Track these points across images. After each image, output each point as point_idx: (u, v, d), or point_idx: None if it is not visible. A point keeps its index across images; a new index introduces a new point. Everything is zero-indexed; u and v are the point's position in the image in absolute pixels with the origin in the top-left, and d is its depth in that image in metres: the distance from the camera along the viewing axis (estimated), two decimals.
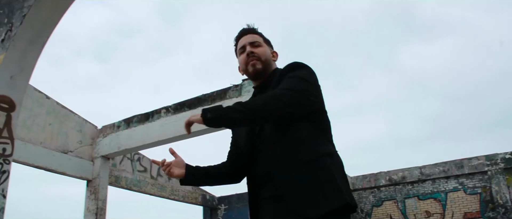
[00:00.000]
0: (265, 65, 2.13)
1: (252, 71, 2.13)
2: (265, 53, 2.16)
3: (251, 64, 2.12)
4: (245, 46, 2.16)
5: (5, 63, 5.16)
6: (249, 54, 2.12)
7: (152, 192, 14.98)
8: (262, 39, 2.23)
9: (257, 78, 2.17)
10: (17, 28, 5.18)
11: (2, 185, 4.97)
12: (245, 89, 11.06)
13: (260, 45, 2.18)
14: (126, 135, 12.32)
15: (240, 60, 2.20)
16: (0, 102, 5.15)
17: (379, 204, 14.98)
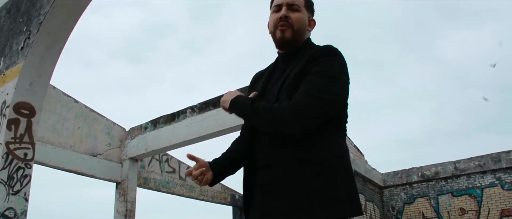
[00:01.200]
0: (296, 35, 1.88)
1: (279, 38, 1.89)
2: (301, 20, 1.90)
3: (280, 29, 1.87)
4: (282, 5, 1.90)
5: (24, 70, 5.25)
6: (281, 18, 1.87)
7: (181, 193, 15.07)
8: (304, 1, 1.95)
9: (283, 48, 1.93)
10: (34, 35, 5.27)
11: (24, 189, 5.05)
12: None
13: (299, 9, 1.91)
14: (153, 136, 12.44)
15: (271, 19, 1.94)
16: (21, 108, 5.23)
17: (411, 201, 14.63)
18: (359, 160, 13.52)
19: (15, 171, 5.01)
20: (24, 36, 5.42)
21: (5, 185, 4.89)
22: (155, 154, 12.80)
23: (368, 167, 14.14)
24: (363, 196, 13.49)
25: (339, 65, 1.76)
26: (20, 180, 5.03)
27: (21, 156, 5.11)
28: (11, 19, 5.87)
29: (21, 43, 5.43)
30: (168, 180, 14.67)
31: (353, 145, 13.68)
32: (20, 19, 5.66)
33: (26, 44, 5.35)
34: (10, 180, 4.94)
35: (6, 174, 4.93)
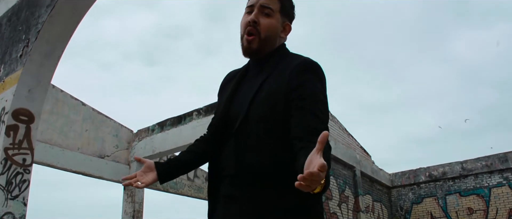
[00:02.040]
0: (264, 44, 1.72)
1: (245, 47, 1.74)
2: (271, 28, 1.73)
3: (246, 39, 1.72)
4: (254, 7, 1.74)
5: (23, 77, 5.39)
6: (249, 22, 1.71)
7: (189, 193, 15.20)
8: (280, 5, 1.76)
9: (249, 56, 1.78)
10: (33, 43, 5.40)
11: (23, 194, 5.19)
12: None
13: (271, 14, 1.73)
14: (160, 138, 12.60)
15: (241, 20, 1.78)
16: (20, 115, 5.37)
17: (419, 201, 14.57)
18: (365, 161, 13.52)
19: (13, 176, 5.15)
20: (23, 44, 5.56)
21: (3, 190, 5.02)
22: (162, 156, 12.93)
23: (375, 168, 14.12)
24: (370, 196, 13.48)
25: (322, 83, 1.64)
26: (18, 185, 5.16)
27: (20, 161, 5.25)
28: (12, 27, 6.02)
29: (20, 51, 5.57)
30: (176, 180, 14.80)
31: (360, 146, 13.68)
32: (19, 27, 5.80)
33: (24, 52, 5.48)
34: (8, 185, 5.08)
35: (5, 179, 5.07)
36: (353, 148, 12.99)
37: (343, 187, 11.69)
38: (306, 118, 1.50)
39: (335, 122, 12.46)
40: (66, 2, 5.30)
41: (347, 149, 12.37)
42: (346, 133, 12.97)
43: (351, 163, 12.24)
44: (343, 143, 12.35)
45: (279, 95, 1.59)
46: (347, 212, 11.52)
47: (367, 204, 13.05)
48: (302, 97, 1.55)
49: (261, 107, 1.60)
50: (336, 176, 11.49)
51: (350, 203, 11.84)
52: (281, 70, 1.65)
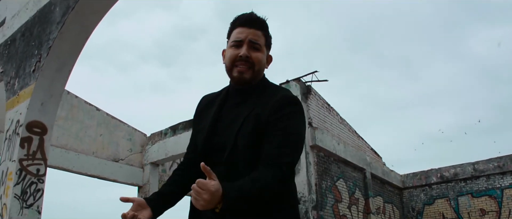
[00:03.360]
0: (256, 75, 1.80)
1: (237, 78, 1.79)
2: (261, 61, 1.81)
3: (238, 71, 1.76)
4: (243, 42, 1.77)
5: (35, 91, 5.66)
6: (242, 57, 1.76)
7: None
8: (265, 39, 1.84)
9: (239, 85, 1.83)
10: (44, 59, 5.66)
11: (37, 202, 5.46)
12: (291, 90, 11.22)
13: (260, 49, 1.80)
14: (172, 141, 12.85)
15: (228, 53, 1.81)
16: (33, 127, 5.64)
17: (430, 202, 14.58)
18: (376, 162, 13.59)
19: (28, 185, 5.42)
20: (36, 59, 5.83)
21: (19, 199, 5.30)
22: (175, 159, 13.19)
23: (386, 169, 14.18)
24: (381, 198, 13.56)
25: (301, 117, 1.75)
26: (33, 194, 5.44)
27: (34, 171, 5.52)
28: (25, 42, 6.30)
29: (33, 65, 5.84)
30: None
31: (370, 148, 13.75)
32: (32, 43, 6.08)
33: (37, 67, 5.75)
34: (23, 195, 5.36)
35: (20, 189, 5.35)
36: (363, 150, 13.08)
37: (353, 189, 11.80)
38: (271, 148, 1.64)
39: (344, 124, 12.56)
40: (75, 19, 5.55)
41: (357, 151, 12.48)
42: (356, 135, 13.07)
43: (361, 165, 12.33)
44: (353, 145, 12.46)
45: (262, 126, 1.68)
46: (357, 214, 11.63)
47: (378, 206, 13.14)
48: (274, 129, 1.67)
49: (247, 137, 1.68)
50: (346, 178, 11.60)
51: (360, 205, 11.95)
52: (264, 103, 1.73)
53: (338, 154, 11.30)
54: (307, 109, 10.84)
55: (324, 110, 11.71)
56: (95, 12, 5.60)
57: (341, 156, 11.46)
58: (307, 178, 9.98)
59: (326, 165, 10.91)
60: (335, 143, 11.34)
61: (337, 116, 12.33)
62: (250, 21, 1.81)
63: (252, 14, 1.84)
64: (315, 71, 11.41)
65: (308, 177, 10.02)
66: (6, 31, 7.07)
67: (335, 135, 11.71)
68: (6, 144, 5.81)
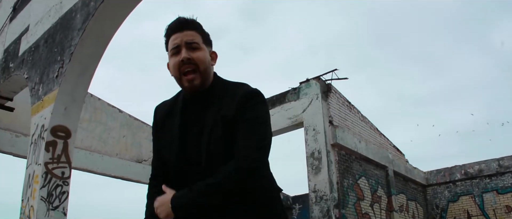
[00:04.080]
0: (204, 77, 1.76)
1: (188, 87, 1.76)
2: (204, 59, 1.76)
3: (187, 80, 1.73)
4: (180, 46, 1.74)
5: (59, 96, 5.81)
6: (184, 61, 1.72)
7: None
8: (201, 37, 1.80)
9: (194, 94, 1.79)
10: (67, 64, 5.81)
11: (62, 204, 5.62)
12: (303, 92, 11.24)
13: (199, 47, 1.76)
14: None
15: (171, 63, 1.77)
16: (58, 131, 5.80)
17: (455, 199, 14.38)
18: (399, 160, 13.47)
19: (54, 188, 5.58)
20: (59, 65, 5.99)
21: (45, 202, 5.46)
22: None
23: (409, 167, 14.04)
24: (404, 195, 13.44)
25: (265, 107, 1.77)
26: (58, 197, 5.60)
27: (59, 174, 5.68)
28: (48, 49, 6.47)
29: (56, 71, 6.00)
30: None
31: (392, 145, 13.63)
32: (55, 49, 6.24)
33: (60, 72, 5.91)
34: (49, 197, 5.52)
35: (46, 191, 5.51)
36: (385, 147, 12.98)
37: (375, 187, 11.73)
38: (238, 143, 1.66)
39: (366, 122, 12.49)
40: (95, 25, 5.68)
41: (379, 148, 12.39)
42: (378, 132, 12.97)
43: (383, 162, 12.25)
44: (375, 143, 12.38)
45: (232, 126, 1.68)
46: (380, 212, 11.56)
47: (401, 203, 13.02)
48: (243, 123, 1.68)
49: (219, 143, 1.68)
50: (367, 176, 11.54)
51: (383, 203, 11.87)
52: (228, 103, 1.72)
53: (359, 152, 11.25)
54: (328, 107, 10.82)
55: (344, 108, 11.66)
56: (114, 18, 5.72)
57: (363, 153, 11.41)
58: (328, 176, 9.97)
59: (348, 163, 10.88)
60: (357, 140, 11.29)
61: (358, 113, 12.27)
62: (180, 25, 1.78)
63: (180, 18, 1.80)
64: (334, 70, 11.36)
65: (330, 175, 10.01)
66: (30, 38, 7.27)
67: (356, 133, 11.66)
68: (32, 148, 5.98)
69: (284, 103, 11.75)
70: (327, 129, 10.47)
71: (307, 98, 11.08)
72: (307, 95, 11.11)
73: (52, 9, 6.77)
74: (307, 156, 10.55)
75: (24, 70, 7.07)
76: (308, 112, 10.93)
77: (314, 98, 10.86)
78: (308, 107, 10.98)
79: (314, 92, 10.95)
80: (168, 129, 1.82)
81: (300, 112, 11.12)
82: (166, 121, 1.86)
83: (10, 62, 7.76)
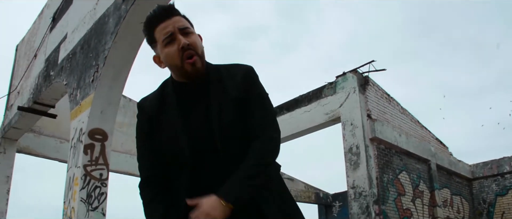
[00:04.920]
0: (203, 61, 1.71)
1: (191, 71, 1.67)
2: (199, 44, 1.71)
3: (189, 63, 1.65)
4: (175, 33, 1.65)
5: (95, 100, 5.98)
6: (184, 47, 1.64)
7: None
8: (188, 22, 1.73)
9: (195, 79, 1.71)
10: (101, 69, 5.97)
11: (101, 205, 5.77)
12: (339, 86, 11.10)
13: (192, 32, 1.71)
14: None
15: (168, 53, 1.67)
16: (95, 134, 5.96)
17: (503, 193, 13.81)
18: (442, 153, 13.08)
19: (92, 189, 5.74)
20: (94, 69, 6.16)
21: (85, 203, 5.63)
22: None
23: (453, 160, 13.61)
24: (448, 190, 13.04)
25: (259, 79, 1.80)
26: (97, 198, 5.75)
27: (97, 176, 5.84)
28: (84, 54, 6.66)
29: (91, 76, 6.17)
30: None
31: (435, 138, 13.25)
32: (90, 55, 6.42)
33: (95, 77, 6.07)
34: (89, 198, 5.68)
35: (86, 193, 5.68)
36: (427, 140, 12.63)
37: (417, 181, 11.43)
38: (255, 118, 1.69)
39: (406, 115, 12.20)
40: (127, 28, 5.80)
41: (420, 141, 12.07)
42: (419, 125, 12.64)
43: (425, 156, 11.92)
44: (416, 136, 12.07)
45: (240, 106, 1.68)
46: (422, 207, 11.26)
47: (445, 198, 12.63)
48: (254, 100, 1.71)
49: (233, 124, 1.66)
50: (409, 170, 11.27)
51: (425, 198, 11.55)
52: (229, 83, 1.71)
53: (399, 146, 10.99)
54: (365, 101, 10.64)
55: (383, 101, 11.43)
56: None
57: (403, 147, 11.15)
58: (367, 171, 9.80)
59: (388, 157, 10.66)
60: (396, 134, 11.04)
61: (397, 106, 11.99)
62: (166, 12, 1.68)
63: (162, 6, 1.71)
64: (372, 61, 11.13)
65: (368, 170, 9.84)
66: (67, 46, 7.51)
67: (396, 126, 11.41)
68: (72, 151, 6.18)
69: (321, 99, 11.64)
70: (365, 123, 10.29)
71: (344, 92, 10.93)
72: (344, 89, 10.96)
73: (87, 16, 6.97)
74: (345, 152, 10.41)
75: (63, 77, 7.31)
76: (345, 106, 10.78)
77: (351, 92, 10.70)
78: (345, 102, 10.83)
79: (351, 85, 10.79)
80: (165, 123, 1.72)
81: (337, 107, 10.98)
82: (158, 117, 1.74)
83: (51, 71, 8.04)
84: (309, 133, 12.43)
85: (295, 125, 12.38)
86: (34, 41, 9.94)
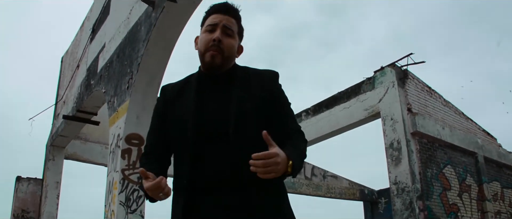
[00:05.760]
0: (225, 61, 1.81)
1: (208, 62, 1.79)
2: (232, 48, 1.84)
3: (210, 54, 1.78)
4: (217, 26, 1.81)
5: (131, 106, 6.18)
6: (215, 40, 1.78)
7: (307, 192, 15.53)
8: (238, 28, 1.88)
9: (210, 71, 1.83)
10: (135, 75, 6.16)
11: (140, 208, 5.96)
12: (378, 81, 10.93)
13: (232, 35, 1.84)
14: None
15: (202, 38, 1.83)
16: (132, 139, 6.16)
17: None
18: (490, 145, 12.59)
19: (131, 193, 5.94)
20: (128, 76, 6.37)
21: (124, 206, 5.83)
22: None
23: (502, 151, 13.06)
24: (498, 183, 12.53)
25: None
26: (136, 201, 5.94)
27: (135, 180, 6.03)
28: (120, 63, 6.90)
29: (126, 83, 6.38)
30: (294, 180, 15.23)
31: (482, 130, 12.77)
32: (125, 62, 6.64)
33: (130, 83, 6.28)
34: (127, 201, 5.88)
35: (124, 196, 5.88)
36: (473, 132, 12.20)
37: (463, 175, 11.07)
38: (288, 121, 1.83)
39: (449, 107, 11.83)
40: (158, 35, 5.97)
41: (466, 134, 11.68)
42: (464, 117, 12.23)
43: (472, 148, 11.52)
44: (461, 129, 11.69)
45: (263, 101, 1.75)
46: (470, 202, 10.88)
47: (495, 192, 12.14)
48: (282, 105, 1.84)
49: (250, 114, 1.72)
50: (454, 164, 10.93)
51: (473, 192, 11.15)
52: (254, 83, 1.80)
53: (443, 139, 10.69)
54: (405, 94, 10.42)
55: (424, 94, 11.15)
56: (174, 26, 5.98)
57: (447, 140, 10.83)
58: (409, 167, 9.59)
59: (431, 151, 10.38)
60: (439, 127, 10.74)
61: (440, 98, 11.66)
62: (225, 8, 1.85)
63: (227, 3, 1.87)
64: (410, 54, 10.89)
65: (411, 165, 9.63)
66: (105, 55, 7.79)
67: (439, 119, 11.10)
68: (111, 156, 6.41)
69: (360, 95, 11.50)
70: (406, 117, 10.08)
71: (382, 87, 10.75)
72: (383, 84, 10.78)
73: (121, 25, 7.21)
74: (386, 147, 10.23)
75: (102, 85, 7.60)
76: (385, 101, 10.59)
77: (390, 86, 10.51)
78: (384, 97, 10.65)
79: (390, 80, 10.60)
80: (179, 106, 1.81)
81: (376, 102, 10.82)
82: (176, 99, 1.84)
83: (91, 80, 8.37)
84: (349, 129, 12.30)
85: (335, 122, 12.29)
86: (76, 52, 10.37)
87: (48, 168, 10.58)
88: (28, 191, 10.50)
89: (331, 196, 16.31)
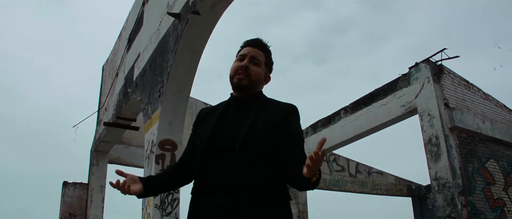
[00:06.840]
0: (252, 84, 2.09)
1: (236, 83, 2.09)
2: (258, 74, 2.12)
3: (237, 77, 2.08)
4: (245, 56, 2.12)
5: (162, 113, 6.45)
6: (242, 67, 2.09)
7: (352, 189, 15.41)
8: (265, 59, 2.19)
9: (237, 91, 2.13)
10: (166, 84, 6.42)
11: (174, 210, 6.22)
12: (413, 77, 10.79)
13: (259, 64, 2.14)
14: (313, 139, 13.27)
15: (233, 65, 2.15)
16: (165, 144, 6.43)
17: None
18: None
19: (166, 196, 6.20)
20: (160, 85, 6.64)
21: (159, 209, 6.10)
22: None
23: None
24: None
25: (300, 123, 2.11)
26: (170, 204, 6.20)
27: None
28: (152, 72, 7.19)
29: (158, 91, 6.66)
30: (338, 178, 15.20)
31: None
32: (156, 72, 6.92)
33: (161, 92, 6.55)
34: (162, 204, 6.14)
35: (159, 199, 6.15)
36: None
37: (508, 169, 10.72)
38: (296, 151, 1.97)
39: (490, 100, 11.48)
40: (184, 45, 6.21)
41: (509, 127, 11.30)
42: (506, 109, 11.83)
43: None
44: (503, 122, 11.32)
45: (274, 126, 1.97)
46: None
47: None
48: (293, 134, 2.01)
49: (260, 134, 1.94)
50: (497, 158, 10.61)
51: None
52: (271, 110, 2.05)
53: (484, 133, 10.40)
54: (441, 90, 10.22)
55: (462, 88, 10.89)
56: (200, 36, 6.19)
57: (488, 134, 10.52)
58: (449, 162, 9.41)
59: (471, 146, 10.13)
60: (479, 121, 10.47)
61: (478, 92, 11.34)
62: (255, 43, 2.18)
63: (258, 39, 2.21)
64: (443, 49, 10.69)
65: (450, 161, 9.45)
66: (140, 64, 8.13)
67: (478, 113, 10.80)
68: (146, 162, 6.71)
69: (396, 91, 11.36)
70: (443, 112, 9.89)
71: (418, 83, 10.59)
72: (418, 80, 10.62)
73: (153, 36, 7.51)
74: (425, 143, 10.07)
75: (137, 94, 7.93)
76: (421, 96, 10.43)
77: (426, 82, 10.34)
78: (420, 92, 10.48)
79: (425, 75, 10.44)
80: (206, 123, 2.11)
81: (413, 98, 10.66)
82: (206, 118, 2.15)
83: (128, 88, 8.74)
84: (387, 126, 12.15)
85: (373, 119, 12.20)
86: (115, 61, 10.82)
87: (93, 172, 11.10)
88: (74, 195, 11.05)
89: (377, 193, 16.13)
